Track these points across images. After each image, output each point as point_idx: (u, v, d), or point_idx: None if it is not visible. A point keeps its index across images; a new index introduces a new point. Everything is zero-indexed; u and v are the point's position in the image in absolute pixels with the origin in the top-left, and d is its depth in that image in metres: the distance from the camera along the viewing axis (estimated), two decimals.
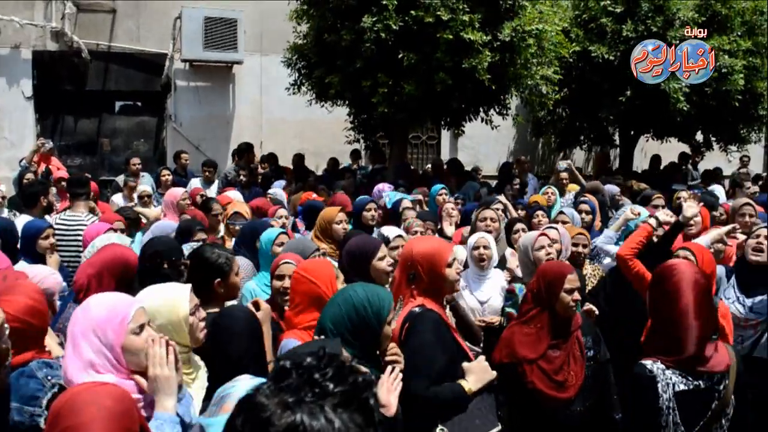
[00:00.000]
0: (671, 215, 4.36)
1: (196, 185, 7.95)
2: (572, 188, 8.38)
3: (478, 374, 2.84)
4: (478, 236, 4.39)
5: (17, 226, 5.02)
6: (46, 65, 11.58)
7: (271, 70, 11.88)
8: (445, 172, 10.63)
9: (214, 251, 3.14)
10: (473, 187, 9.13)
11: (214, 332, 2.56)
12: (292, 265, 3.36)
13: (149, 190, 7.86)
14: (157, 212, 6.45)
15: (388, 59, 7.98)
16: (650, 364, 2.46)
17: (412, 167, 11.12)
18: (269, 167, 10.70)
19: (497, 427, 2.83)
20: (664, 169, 12.18)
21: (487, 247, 4.31)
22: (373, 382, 1.08)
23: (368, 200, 5.91)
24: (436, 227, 5.88)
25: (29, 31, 11.39)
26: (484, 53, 7.78)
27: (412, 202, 6.61)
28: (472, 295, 4.19)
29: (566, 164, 8.77)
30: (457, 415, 2.80)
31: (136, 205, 7.34)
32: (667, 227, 4.21)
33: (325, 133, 12.03)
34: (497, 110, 9.58)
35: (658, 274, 2.63)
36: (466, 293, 4.17)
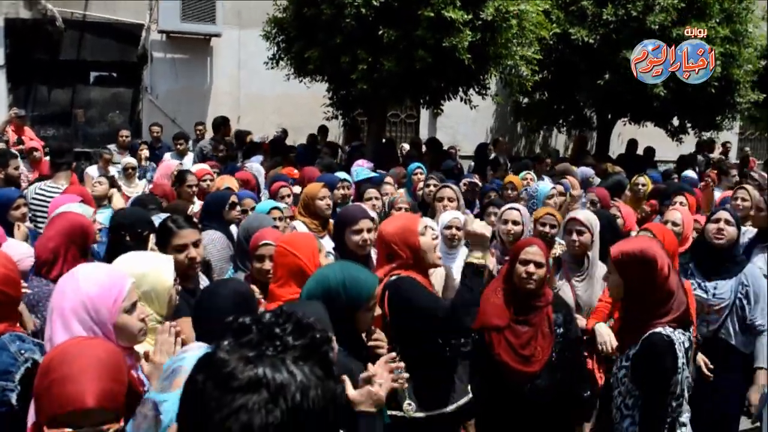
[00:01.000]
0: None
1: (168, 160, 7.82)
2: None
3: (477, 232, 2.95)
4: (451, 216, 4.37)
5: None
6: (18, 33, 11.32)
7: (249, 43, 11.71)
8: (424, 151, 10.63)
9: (165, 221, 3.13)
10: (447, 165, 9.12)
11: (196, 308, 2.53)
12: (272, 246, 3.31)
13: (134, 162, 7.76)
14: (120, 202, 6.29)
15: (368, 35, 7.89)
16: (663, 329, 2.65)
17: (393, 145, 11.10)
18: (239, 144, 10.59)
19: (468, 395, 2.88)
20: (639, 154, 12.29)
21: (459, 228, 4.32)
22: (330, 337, 1.09)
23: (339, 178, 5.86)
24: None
25: None
26: (464, 32, 7.74)
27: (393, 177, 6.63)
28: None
29: None
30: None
31: (117, 177, 7.31)
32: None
33: (303, 108, 11.93)
34: (476, 90, 9.57)
35: (629, 254, 2.75)
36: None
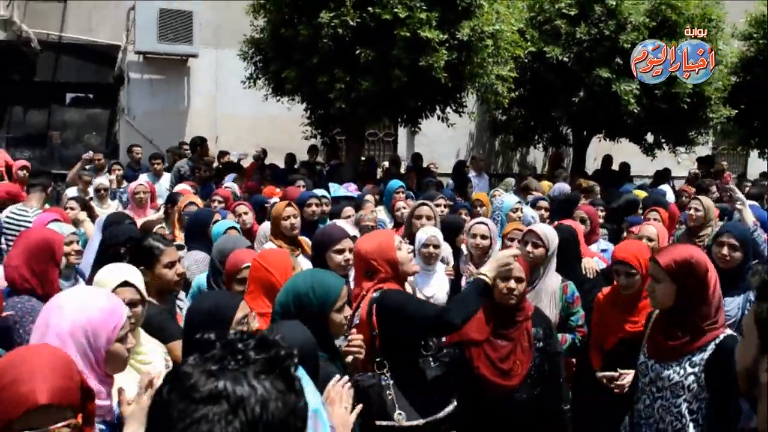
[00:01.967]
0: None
1: (143, 180, 7.77)
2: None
3: (493, 262, 2.96)
4: (429, 233, 4.40)
5: None
6: None
7: (226, 64, 11.74)
8: (406, 168, 10.73)
9: (148, 239, 3.11)
10: (431, 182, 9.18)
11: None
12: None
13: (106, 183, 7.69)
14: (90, 227, 6.23)
15: (345, 55, 7.97)
16: (728, 332, 2.73)
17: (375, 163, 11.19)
18: (222, 164, 10.59)
19: (453, 403, 2.91)
20: (614, 169, 12.46)
21: (437, 246, 4.36)
22: (294, 353, 1.11)
23: (309, 195, 5.83)
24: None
25: None
26: (440, 51, 7.83)
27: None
28: (420, 292, 4.22)
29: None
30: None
31: (91, 199, 7.23)
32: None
33: (280, 128, 11.94)
34: (453, 108, 9.66)
35: (681, 261, 2.75)
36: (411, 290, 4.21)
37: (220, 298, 2.60)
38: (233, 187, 7.60)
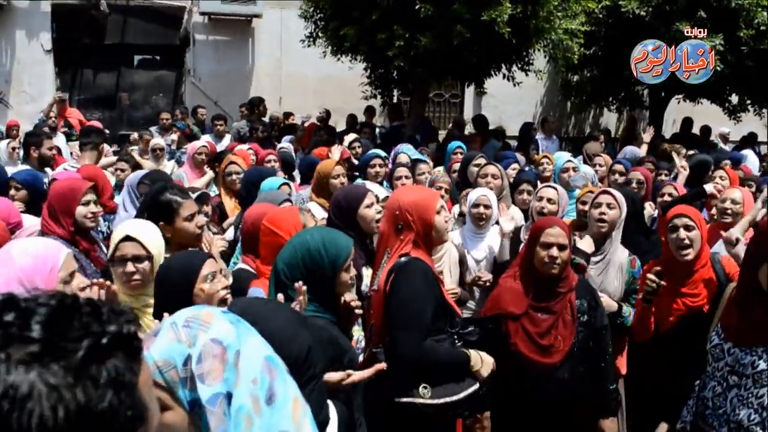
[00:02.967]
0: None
1: (204, 140, 7.79)
2: None
3: (489, 366, 2.75)
4: (479, 193, 4.15)
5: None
6: (65, 18, 11.51)
7: (290, 24, 11.61)
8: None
9: (165, 193, 3.00)
10: (494, 146, 8.87)
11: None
12: None
13: (162, 143, 7.76)
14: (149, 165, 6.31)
15: (405, 11, 7.71)
16: None
17: (432, 124, 10.90)
18: (285, 125, 10.53)
19: (476, 385, 2.68)
20: (694, 133, 11.71)
21: (488, 206, 4.08)
22: (112, 330, 0.78)
23: (373, 155, 5.68)
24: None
25: None
26: (504, 5, 7.46)
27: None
28: (468, 254, 3.99)
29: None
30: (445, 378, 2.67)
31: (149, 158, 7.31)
32: None
33: (345, 89, 11.76)
34: (519, 66, 9.23)
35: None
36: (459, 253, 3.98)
37: (189, 255, 2.56)
38: (289, 147, 7.51)
